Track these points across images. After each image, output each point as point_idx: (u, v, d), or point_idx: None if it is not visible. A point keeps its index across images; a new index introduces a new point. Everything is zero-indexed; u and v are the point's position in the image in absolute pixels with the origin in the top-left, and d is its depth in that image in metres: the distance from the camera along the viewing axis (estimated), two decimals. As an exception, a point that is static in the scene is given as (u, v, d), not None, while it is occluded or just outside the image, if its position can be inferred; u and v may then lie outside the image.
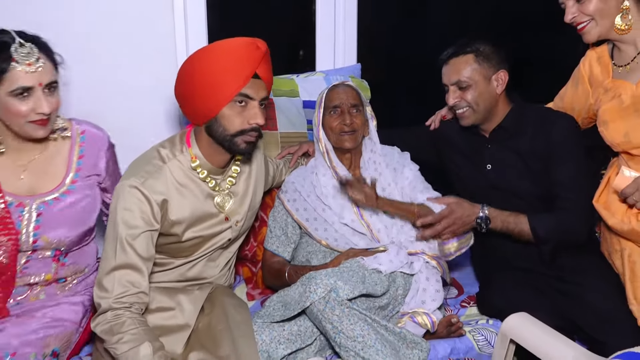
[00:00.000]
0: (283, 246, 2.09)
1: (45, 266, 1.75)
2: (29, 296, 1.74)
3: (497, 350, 1.80)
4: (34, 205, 1.71)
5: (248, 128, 1.69)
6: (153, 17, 2.32)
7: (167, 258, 1.83)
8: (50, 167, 1.75)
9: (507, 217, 1.94)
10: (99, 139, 1.84)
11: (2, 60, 1.54)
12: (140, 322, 1.58)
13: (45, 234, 1.70)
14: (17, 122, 1.62)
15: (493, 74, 2.00)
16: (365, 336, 1.65)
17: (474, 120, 2.03)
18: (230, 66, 1.64)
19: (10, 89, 1.56)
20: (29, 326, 1.66)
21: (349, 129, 2.05)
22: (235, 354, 1.60)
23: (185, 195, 1.75)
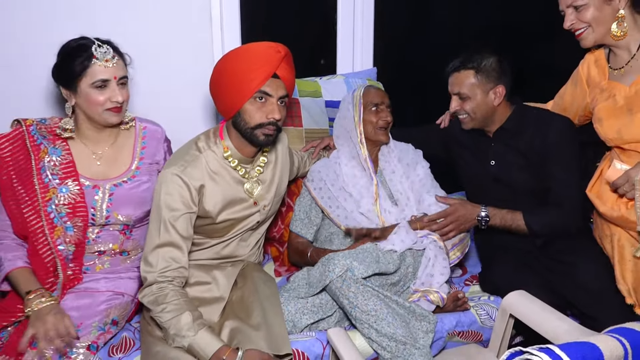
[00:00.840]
0: (306, 228, 2.09)
1: (114, 238, 1.79)
2: (96, 264, 1.77)
3: (498, 323, 1.79)
4: (107, 186, 1.76)
5: (266, 122, 1.69)
6: (193, 27, 2.33)
7: (204, 238, 1.84)
8: (119, 156, 1.82)
9: (505, 215, 1.94)
10: (158, 133, 1.91)
11: (85, 58, 1.65)
12: (181, 294, 1.59)
13: (115, 211, 1.75)
14: (95, 110, 1.69)
15: (491, 89, 1.96)
16: (377, 310, 1.64)
17: (472, 126, 2.02)
18: (252, 66, 1.66)
19: (91, 82, 1.66)
20: (95, 300, 1.69)
21: (385, 125, 2.08)
22: (265, 323, 1.61)
23: (218, 182, 1.76)
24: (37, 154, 1.71)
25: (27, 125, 1.73)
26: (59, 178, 1.71)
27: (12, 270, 1.63)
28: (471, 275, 2.19)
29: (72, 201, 1.70)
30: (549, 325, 1.56)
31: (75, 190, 1.71)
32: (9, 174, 1.69)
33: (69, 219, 1.70)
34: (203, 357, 1.47)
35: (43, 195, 1.69)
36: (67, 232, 1.69)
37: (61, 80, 1.70)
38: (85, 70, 1.65)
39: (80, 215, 1.71)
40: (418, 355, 1.61)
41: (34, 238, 1.68)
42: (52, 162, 1.72)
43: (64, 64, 1.68)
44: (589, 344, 1.10)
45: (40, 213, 1.68)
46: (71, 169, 1.73)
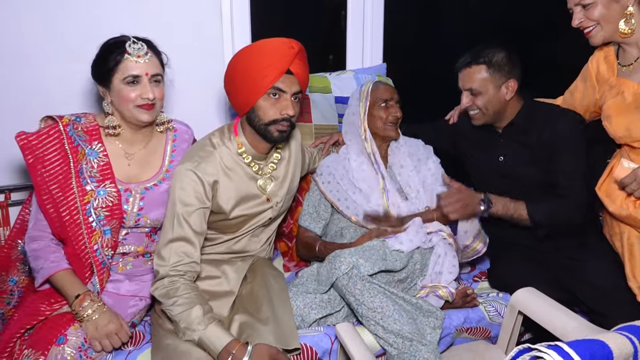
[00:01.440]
0: (314, 222, 2.10)
1: (139, 240, 1.80)
2: (119, 264, 1.78)
3: (507, 320, 1.79)
4: (139, 189, 1.75)
5: (280, 118, 1.69)
6: (203, 23, 2.34)
7: (217, 233, 1.85)
8: (151, 158, 1.81)
9: (508, 203, 1.91)
10: (187, 134, 1.91)
11: (118, 54, 1.65)
12: (192, 287, 1.61)
13: (146, 214, 1.75)
14: (126, 106, 1.68)
15: (503, 83, 1.95)
16: (384, 307, 1.65)
17: (483, 122, 2.01)
18: (266, 62, 1.66)
19: (123, 77, 1.65)
20: (120, 305, 1.71)
21: (395, 120, 2.08)
22: (273, 317, 1.62)
23: (232, 178, 1.77)
24: (76, 156, 1.70)
25: (64, 124, 1.71)
26: (96, 181, 1.69)
27: (57, 272, 1.62)
28: (480, 271, 2.19)
29: (109, 204, 1.69)
30: (558, 322, 1.56)
31: (113, 192, 1.70)
32: (44, 174, 1.66)
33: (107, 222, 1.69)
34: (213, 350, 1.49)
35: (82, 199, 1.67)
36: (104, 236, 1.69)
37: (97, 77, 1.71)
38: (118, 65, 1.65)
39: (117, 216, 1.70)
40: (425, 351, 1.61)
41: (73, 242, 1.67)
42: (90, 164, 1.70)
43: (100, 59, 1.68)
44: (598, 341, 1.10)
45: (79, 217, 1.67)
46: (108, 171, 1.71)
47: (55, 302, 1.63)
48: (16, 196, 2.17)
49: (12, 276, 1.83)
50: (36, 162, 1.66)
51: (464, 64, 1.98)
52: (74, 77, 2.08)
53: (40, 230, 1.69)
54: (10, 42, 2.05)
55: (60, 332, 1.56)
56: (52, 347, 1.52)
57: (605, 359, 1.08)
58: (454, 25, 3.24)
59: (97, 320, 1.57)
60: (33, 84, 2.11)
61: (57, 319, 1.60)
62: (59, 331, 1.56)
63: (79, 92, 2.15)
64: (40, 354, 1.51)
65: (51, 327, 1.57)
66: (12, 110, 2.08)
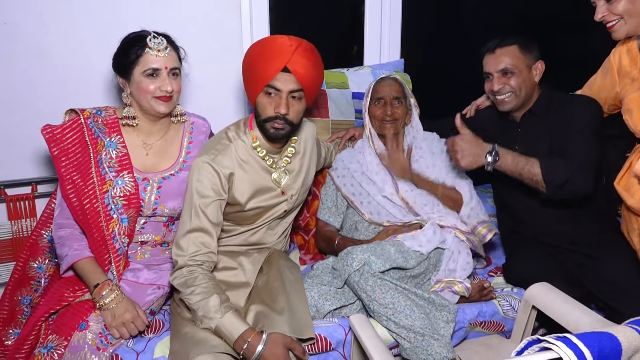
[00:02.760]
0: (334, 216, 2.14)
1: (157, 230, 1.85)
2: (137, 253, 1.84)
3: (520, 315, 1.80)
4: (156, 179, 1.81)
5: (274, 116, 1.72)
6: (223, 18, 2.38)
7: (233, 225, 1.89)
8: (168, 149, 1.87)
9: (519, 156, 1.84)
10: (204, 127, 1.96)
11: (139, 47, 1.72)
12: (210, 277, 1.65)
13: (163, 203, 1.81)
14: (145, 97, 1.75)
15: (533, 64, 1.98)
16: (395, 303, 1.67)
17: (514, 105, 2.00)
18: (264, 59, 1.69)
19: (143, 70, 1.72)
20: (139, 292, 1.77)
21: (390, 119, 2.07)
22: (288, 308, 1.66)
23: (248, 170, 1.81)
24: (95, 147, 1.77)
25: (85, 117, 1.79)
26: (115, 171, 1.76)
27: (80, 260, 1.69)
28: (495, 266, 2.19)
29: (127, 193, 1.75)
30: (571, 317, 1.57)
31: (130, 182, 1.76)
32: (68, 165, 1.75)
33: (125, 210, 1.75)
34: (229, 338, 1.53)
35: (100, 188, 1.74)
36: (122, 224, 1.74)
37: (118, 69, 1.78)
38: (139, 59, 1.72)
39: (134, 206, 1.76)
40: (437, 345, 1.63)
41: (93, 229, 1.73)
42: (109, 155, 1.77)
43: (122, 52, 1.75)
44: (607, 334, 1.11)
45: (98, 205, 1.73)
46: (126, 162, 1.78)
47: (79, 289, 1.70)
48: (42, 188, 2.26)
49: (40, 264, 1.91)
50: (60, 153, 1.75)
51: (495, 45, 1.99)
52: (96, 71, 2.15)
53: (67, 218, 1.77)
54: (33, 39, 2.13)
55: (82, 318, 1.62)
56: (75, 332, 1.59)
57: (614, 351, 1.09)
58: (472, 20, 3.24)
59: (115, 309, 1.63)
60: (56, 79, 2.18)
61: (79, 306, 1.66)
62: (81, 317, 1.62)
63: (101, 86, 2.21)
64: (64, 339, 1.58)
65: (73, 314, 1.64)
66: (37, 105, 2.16)
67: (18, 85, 2.15)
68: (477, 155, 1.84)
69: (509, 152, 1.85)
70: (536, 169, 1.81)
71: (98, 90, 2.21)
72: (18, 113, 2.16)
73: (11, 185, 2.21)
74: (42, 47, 2.15)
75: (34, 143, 2.19)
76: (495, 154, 1.82)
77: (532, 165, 1.82)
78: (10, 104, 2.16)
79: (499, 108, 2.04)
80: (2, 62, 2.11)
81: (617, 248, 1.90)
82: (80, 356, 1.56)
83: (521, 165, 1.83)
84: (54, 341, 1.58)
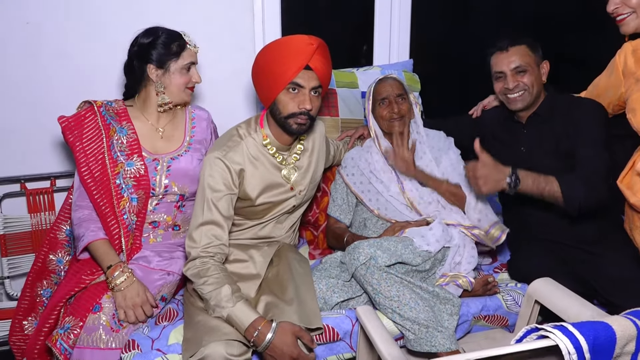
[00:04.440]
0: (344, 214, 2.20)
1: (168, 210, 1.95)
2: (150, 236, 1.94)
3: (524, 309, 1.83)
4: (166, 159, 1.93)
5: (298, 112, 1.78)
6: (236, 18, 2.45)
7: (243, 219, 1.96)
8: (175, 132, 2.00)
9: (538, 177, 1.86)
10: (205, 117, 2.09)
11: (179, 45, 1.89)
12: (222, 269, 1.71)
13: (173, 181, 1.92)
14: (177, 88, 1.92)
15: (539, 64, 2.04)
16: (400, 296, 1.72)
17: (525, 104, 2.03)
18: (285, 58, 1.75)
19: (184, 63, 1.90)
20: (149, 276, 1.84)
21: (398, 116, 2.12)
22: (297, 298, 1.71)
23: (258, 167, 1.87)
24: (108, 132, 1.89)
25: (97, 106, 1.92)
26: (125, 154, 1.88)
27: (94, 241, 1.79)
28: (500, 263, 2.23)
29: (137, 175, 1.87)
30: (572, 311, 1.60)
31: (139, 165, 1.88)
32: (82, 150, 1.86)
33: (135, 190, 1.86)
34: (240, 326, 1.59)
35: (112, 169, 1.86)
36: (131, 203, 1.87)
37: (152, 59, 1.87)
38: (181, 53, 1.89)
39: (144, 187, 1.87)
40: (440, 337, 1.68)
41: (105, 210, 1.84)
42: (120, 140, 1.89)
43: (163, 46, 1.87)
44: (603, 323, 1.16)
45: (110, 185, 1.85)
46: (136, 146, 1.90)
47: (96, 272, 1.79)
48: (61, 183, 2.34)
49: (59, 257, 2.00)
50: (75, 140, 1.87)
51: (506, 44, 2.03)
52: (112, 69, 2.21)
53: (84, 200, 1.87)
54: (53, 39, 2.21)
55: (96, 300, 1.71)
56: (89, 314, 1.67)
57: (609, 339, 1.14)
58: (482, 21, 3.26)
59: (125, 291, 1.71)
60: (74, 76, 2.26)
61: (93, 288, 1.75)
62: (94, 300, 1.71)
63: (117, 82, 2.27)
64: (79, 320, 1.66)
65: (88, 296, 1.72)
66: (56, 102, 2.23)
67: (38, 82, 2.23)
68: (498, 181, 1.85)
69: (529, 174, 1.86)
70: (555, 188, 1.85)
71: (113, 86, 2.28)
72: (38, 110, 2.25)
73: (31, 179, 2.30)
74: (61, 46, 2.22)
75: (53, 139, 2.28)
76: (515, 178, 1.84)
77: (551, 185, 1.85)
78: (31, 101, 2.24)
79: (510, 107, 2.07)
80: (24, 60, 2.19)
81: (619, 245, 1.93)
82: (95, 337, 1.64)
83: (542, 186, 1.86)
84: (70, 322, 1.67)
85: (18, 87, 2.21)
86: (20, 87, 2.22)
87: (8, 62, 2.18)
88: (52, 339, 1.65)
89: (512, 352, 1.16)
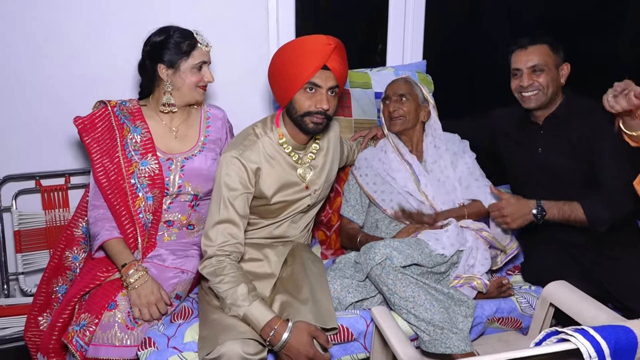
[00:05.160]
0: (357, 214, 2.20)
1: (182, 209, 1.96)
2: (164, 235, 1.95)
3: (538, 312, 1.84)
4: (180, 159, 1.94)
5: (314, 111, 1.79)
6: (250, 18, 2.46)
7: (258, 218, 1.96)
8: (189, 132, 2.01)
9: (562, 206, 1.91)
10: (220, 116, 2.09)
11: (192, 42, 1.89)
12: (237, 267, 1.72)
13: (187, 181, 1.93)
14: (189, 87, 1.92)
15: (559, 65, 2.04)
16: (416, 297, 1.72)
17: (538, 104, 2.03)
18: (303, 58, 1.76)
19: (194, 63, 1.89)
20: (164, 275, 1.85)
21: (395, 115, 2.14)
22: (312, 298, 1.72)
23: (274, 166, 1.88)
24: (121, 132, 1.91)
25: (112, 106, 1.93)
26: (140, 154, 1.89)
27: (109, 240, 1.80)
28: (514, 265, 2.23)
29: (151, 174, 1.88)
30: (588, 314, 1.60)
31: (154, 164, 1.89)
32: (98, 151, 1.88)
33: (150, 189, 1.87)
34: (256, 325, 1.59)
35: (127, 169, 1.87)
36: (147, 202, 1.88)
37: (162, 59, 1.87)
38: (192, 52, 1.88)
39: (158, 186, 1.88)
40: (455, 339, 1.67)
41: (120, 210, 1.85)
42: (134, 139, 1.91)
43: (175, 45, 1.87)
44: (623, 327, 1.15)
45: (125, 185, 1.86)
46: (150, 146, 1.91)
47: (112, 269, 1.81)
48: (75, 180, 2.36)
49: (75, 254, 2.02)
50: (92, 141, 1.89)
51: (526, 42, 2.04)
52: (124, 67, 2.22)
53: (100, 199, 1.88)
54: (66, 37, 2.22)
55: (111, 298, 1.72)
56: (105, 312, 1.68)
57: (630, 343, 1.13)
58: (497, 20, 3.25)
59: (140, 289, 1.72)
60: (87, 74, 2.27)
61: (109, 285, 1.76)
62: (109, 297, 1.72)
63: (128, 81, 2.29)
64: (95, 317, 1.68)
65: (103, 294, 1.74)
66: (69, 99, 2.26)
67: (51, 80, 2.24)
68: (525, 215, 1.91)
69: (553, 205, 1.91)
70: (580, 215, 1.90)
71: (126, 84, 2.30)
72: (52, 107, 2.26)
73: (46, 176, 2.31)
74: (74, 45, 2.23)
75: (67, 136, 2.29)
76: (540, 210, 1.91)
77: (576, 213, 1.90)
78: (45, 98, 2.25)
79: (524, 105, 2.07)
80: (37, 58, 2.21)
81: (635, 248, 1.93)
82: (111, 334, 1.65)
83: (567, 214, 1.91)
84: (86, 319, 1.68)
85: (33, 85, 2.23)
86: (36, 85, 2.23)
87: (24, 60, 2.20)
88: (68, 336, 1.66)
89: (532, 355, 1.15)
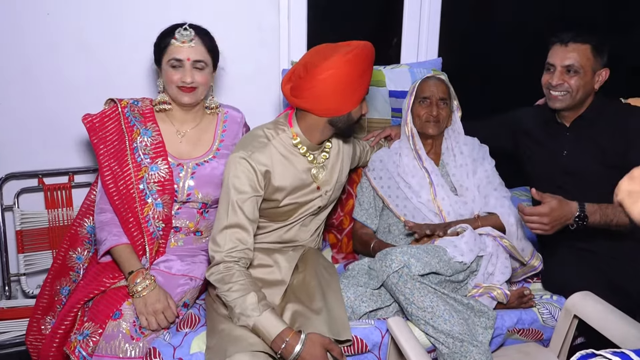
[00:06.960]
0: (371, 218, 2.11)
1: (191, 216, 1.88)
2: (171, 240, 1.87)
3: (561, 324, 1.76)
4: (190, 165, 1.85)
5: (361, 118, 1.84)
6: (262, 14, 2.38)
7: (267, 222, 1.88)
8: (202, 136, 1.92)
9: (605, 210, 1.76)
10: (238, 118, 2.00)
11: (168, 38, 1.79)
12: (247, 274, 1.64)
13: (197, 189, 1.84)
14: (170, 87, 1.82)
15: (598, 70, 1.90)
16: (434, 307, 1.64)
17: (564, 106, 1.93)
18: (367, 73, 1.75)
19: (168, 59, 1.79)
20: (171, 283, 1.77)
21: (434, 119, 2.04)
22: (326, 308, 1.64)
23: (288, 167, 1.80)
24: (131, 135, 1.83)
25: (122, 106, 1.85)
26: (150, 157, 1.81)
27: (116, 245, 1.73)
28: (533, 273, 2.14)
29: (161, 179, 1.80)
30: (617, 330, 1.52)
31: (165, 169, 1.81)
32: (106, 153, 1.81)
33: (159, 195, 1.79)
34: (267, 337, 1.52)
35: (136, 174, 1.79)
36: (156, 209, 1.79)
37: (154, 57, 1.84)
38: (167, 48, 1.79)
39: (169, 192, 1.80)
40: (476, 352, 1.59)
41: (127, 216, 1.77)
42: (144, 142, 1.82)
43: (156, 42, 1.83)
44: (668, 351, 1.07)
45: (134, 191, 1.78)
46: (161, 149, 1.83)
47: (119, 276, 1.72)
48: (79, 178, 2.29)
49: (79, 254, 1.93)
50: (99, 142, 1.81)
51: (568, 38, 1.89)
52: (135, 63, 2.17)
53: (107, 203, 1.80)
54: (74, 30, 2.15)
55: (116, 307, 1.64)
56: (109, 321, 1.61)
57: (675, 369, 1.05)
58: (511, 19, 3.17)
59: (146, 297, 1.64)
60: (96, 69, 2.20)
61: (113, 293, 1.68)
62: (114, 306, 1.65)
63: (140, 77, 2.23)
64: (99, 326, 1.60)
65: (108, 302, 1.66)
66: (76, 95, 2.19)
67: (58, 75, 2.17)
68: (566, 219, 1.73)
69: (597, 208, 1.74)
70: (624, 218, 1.71)
71: (137, 81, 2.23)
72: (58, 103, 2.19)
73: (49, 174, 2.24)
74: (83, 38, 2.16)
75: (72, 133, 2.22)
76: (583, 216, 1.73)
77: (619, 216, 1.74)
78: (50, 94, 2.18)
79: (550, 104, 1.97)
80: (44, 52, 2.14)
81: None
82: (115, 344, 1.57)
83: (609, 219, 1.75)
84: (90, 328, 1.60)
85: (38, 80, 2.16)
86: (40, 80, 2.16)
87: (28, 54, 2.13)
88: (71, 346, 1.59)
89: (568, 380, 1.07)
